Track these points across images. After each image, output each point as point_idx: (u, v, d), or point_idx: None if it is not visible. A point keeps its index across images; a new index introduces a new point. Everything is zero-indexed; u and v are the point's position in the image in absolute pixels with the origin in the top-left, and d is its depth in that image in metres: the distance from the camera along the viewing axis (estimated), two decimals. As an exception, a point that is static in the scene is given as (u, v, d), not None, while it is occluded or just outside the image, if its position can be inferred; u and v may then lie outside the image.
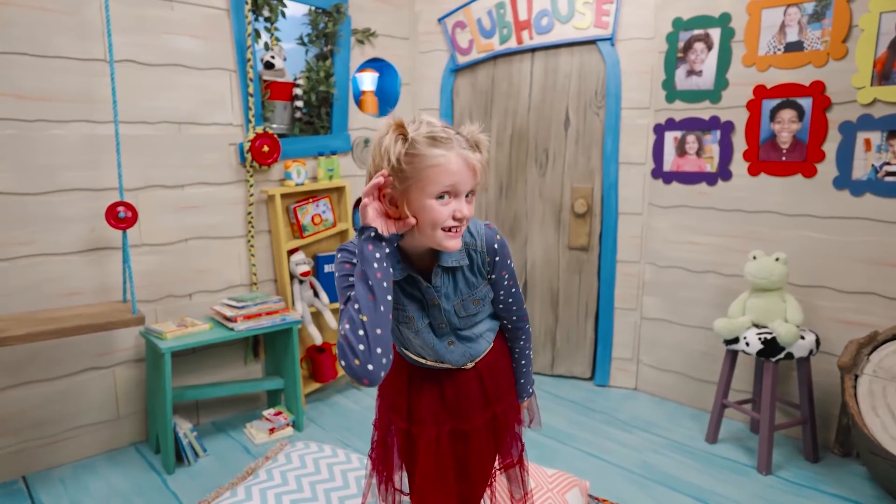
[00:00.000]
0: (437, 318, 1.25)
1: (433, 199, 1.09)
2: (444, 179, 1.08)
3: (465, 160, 1.10)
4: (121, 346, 2.69)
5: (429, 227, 1.11)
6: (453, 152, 1.09)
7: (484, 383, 1.34)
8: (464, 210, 1.11)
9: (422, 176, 1.08)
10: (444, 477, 1.29)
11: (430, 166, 1.07)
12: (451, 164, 1.08)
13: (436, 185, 1.08)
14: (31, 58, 2.31)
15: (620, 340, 3.40)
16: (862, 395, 2.23)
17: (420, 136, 1.08)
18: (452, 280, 1.23)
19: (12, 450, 2.44)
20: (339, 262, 1.18)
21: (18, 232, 2.36)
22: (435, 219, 1.10)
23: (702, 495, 2.37)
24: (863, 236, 2.56)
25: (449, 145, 1.09)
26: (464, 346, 1.32)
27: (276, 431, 2.84)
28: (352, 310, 1.06)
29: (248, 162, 2.91)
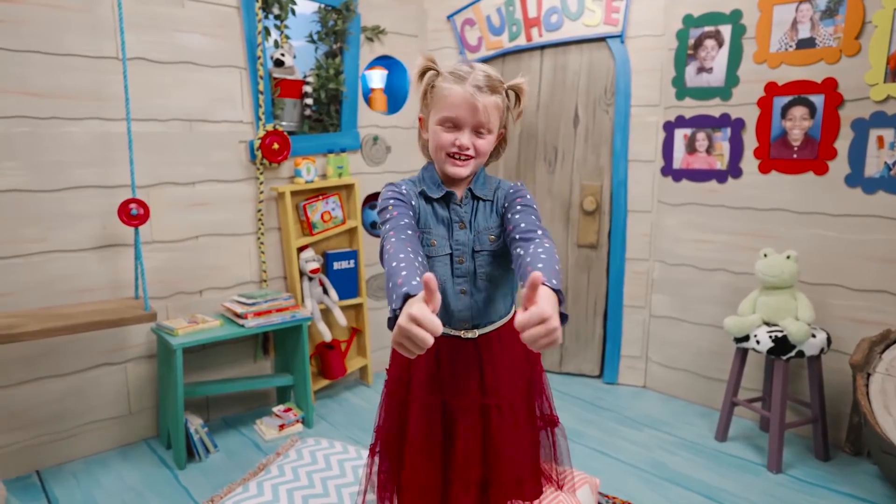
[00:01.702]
0: (459, 246, 1.30)
1: (438, 125, 1.26)
2: (445, 110, 1.24)
3: (469, 97, 1.22)
4: (132, 343, 2.70)
5: (435, 150, 1.29)
6: (460, 87, 1.23)
7: (482, 367, 1.31)
8: (462, 140, 1.25)
9: (434, 103, 1.27)
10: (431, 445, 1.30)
11: (439, 96, 1.25)
12: (455, 97, 1.23)
13: (439, 112, 1.25)
14: (43, 55, 2.32)
15: (629, 338, 3.39)
16: (874, 394, 2.21)
17: (445, 70, 1.28)
18: (476, 210, 1.33)
19: (26, 444, 2.46)
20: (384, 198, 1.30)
21: (31, 229, 2.38)
22: (437, 142, 1.27)
23: (712, 493, 2.37)
24: (875, 234, 2.54)
25: (461, 81, 1.24)
26: (472, 301, 1.30)
27: (285, 428, 2.85)
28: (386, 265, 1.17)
29: (258, 159, 2.92)
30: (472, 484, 1.29)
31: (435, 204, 1.32)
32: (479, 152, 1.28)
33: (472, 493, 1.29)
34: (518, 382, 1.36)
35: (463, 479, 1.28)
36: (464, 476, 1.28)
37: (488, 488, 1.30)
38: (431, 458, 1.29)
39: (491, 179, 1.39)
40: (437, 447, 1.30)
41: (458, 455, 1.28)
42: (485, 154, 1.30)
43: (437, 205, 1.32)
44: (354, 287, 3.31)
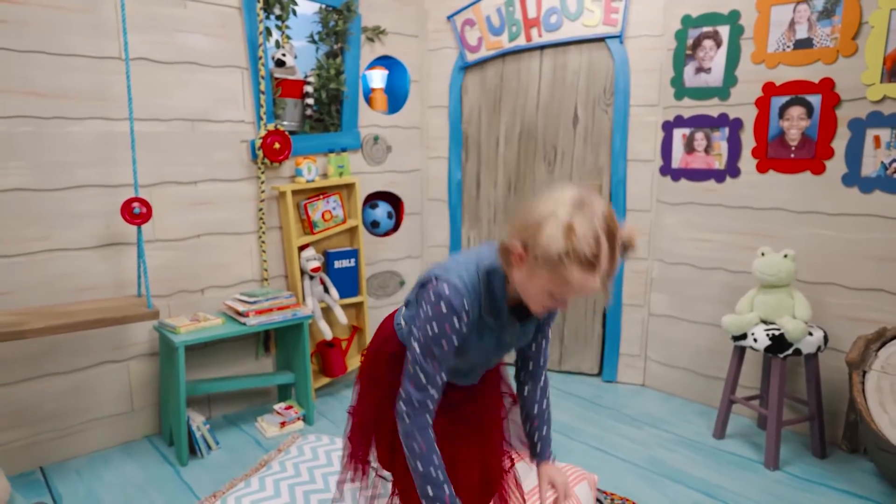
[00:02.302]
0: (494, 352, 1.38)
1: (547, 291, 1.15)
2: (562, 289, 1.12)
3: (593, 287, 1.11)
4: (135, 341, 2.73)
5: (531, 298, 1.19)
6: (590, 279, 1.09)
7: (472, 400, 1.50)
8: (560, 308, 1.20)
9: (550, 275, 1.11)
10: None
11: (561, 278, 1.10)
12: (580, 287, 1.11)
13: (554, 285, 1.12)
14: (46, 56, 2.35)
15: (628, 337, 3.41)
16: (870, 391, 2.24)
17: (576, 252, 1.08)
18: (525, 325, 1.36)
19: (29, 441, 2.48)
20: (441, 330, 1.22)
21: (35, 227, 2.40)
22: (535, 299, 1.18)
23: (710, 490, 2.39)
24: (872, 233, 2.56)
25: (591, 270, 1.09)
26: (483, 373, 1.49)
27: (287, 425, 2.87)
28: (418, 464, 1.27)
29: (259, 159, 2.94)
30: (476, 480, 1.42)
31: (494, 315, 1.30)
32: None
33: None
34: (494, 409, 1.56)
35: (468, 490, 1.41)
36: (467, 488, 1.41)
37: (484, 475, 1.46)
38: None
39: None
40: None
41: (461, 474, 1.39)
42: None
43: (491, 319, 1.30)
44: (355, 286, 3.33)
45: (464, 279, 1.23)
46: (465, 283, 1.22)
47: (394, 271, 3.68)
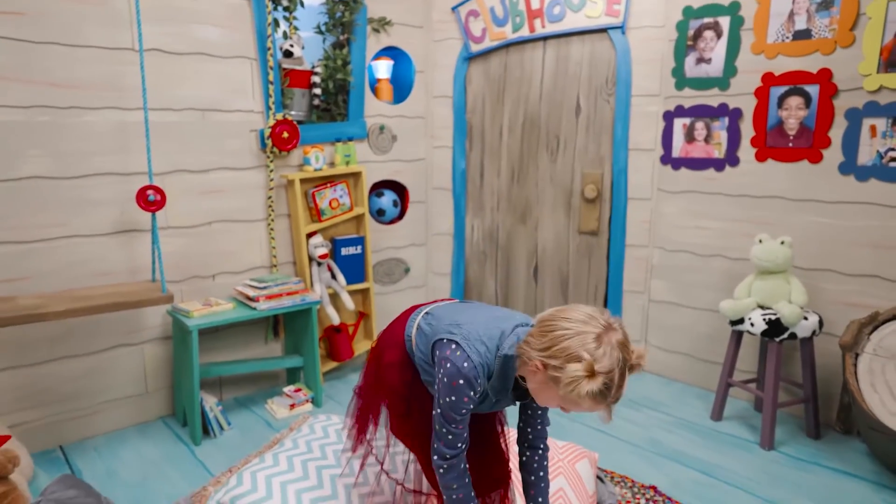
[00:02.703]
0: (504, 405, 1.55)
1: (555, 401, 1.30)
2: (575, 408, 1.28)
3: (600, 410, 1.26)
4: (148, 325, 2.81)
5: (537, 398, 1.36)
6: (601, 405, 1.25)
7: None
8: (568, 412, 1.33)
9: (566, 397, 1.24)
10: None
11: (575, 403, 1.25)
12: (590, 409, 1.26)
13: (568, 403, 1.27)
14: (63, 47, 2.41)
15: (629, 322, 3.48)
16: (862, 373, 2.31)
17: (592, 392, 1.20)
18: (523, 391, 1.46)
19: (50, 421, 2.57)
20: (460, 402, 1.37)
21: (53, 214, 2.47)
22: (543, 402, 1.36)
23: (706, 469, 2.47)
24: (867, 221, 2.62)
25: (603, 398, 1.22)
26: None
27: (296, 407, 2.96)
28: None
29: (268, 148, 3.01)
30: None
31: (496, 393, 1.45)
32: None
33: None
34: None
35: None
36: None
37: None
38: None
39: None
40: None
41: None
42: None
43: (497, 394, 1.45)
44: (361, 272, 3.41)
45: (481, 356, 1.36)
46: (482, 359, 1.37)
47: (399, 258, 3.75)
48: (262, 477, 1.97)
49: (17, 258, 2.41)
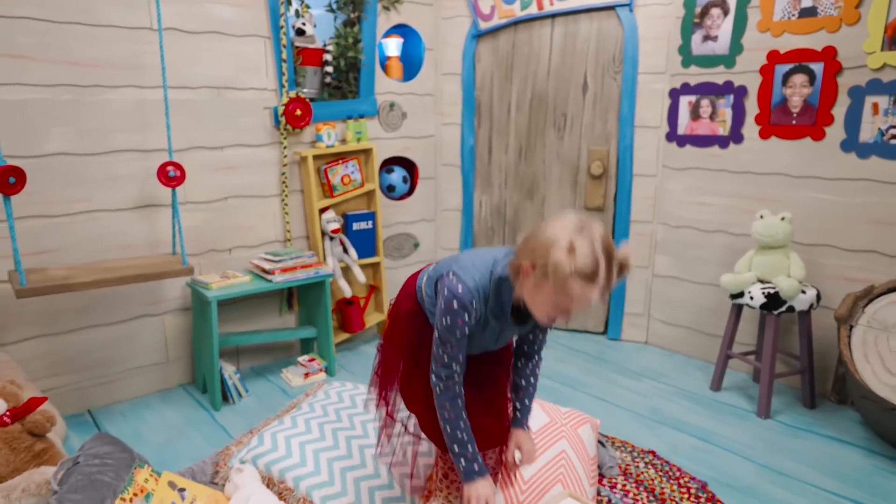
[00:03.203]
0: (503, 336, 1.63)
1: (552, 303, 1.34)
2: (567, 301, 1.31)
3: (594, 297, 1.30)
4: (168, 296, 2.92)
5: (537, 308, 1.39)
6: (590, 290, 1.29)
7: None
8: (566, 316, 1.38)
9: (555, 288, 1.30)
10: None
11: (564, 291, 1.29)
12: (582, 298, 1.30)
13: (559, 298, 1.32)
14: (85, 27, 2.48)
15: (633, 297, 3.57)
16: (855, 345, 2.39)
17: (577, 268, 1.27)
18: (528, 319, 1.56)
19: (78, 386, 2.71)
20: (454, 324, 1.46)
21: (78, 189, 2.57)
22: (540, 310, 1.38)
23: (703, 435, 2.58)
24: (867, 197, 2.68)
25: (591, 282, 1.28)
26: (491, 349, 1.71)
27: (310, 376, 3.08)
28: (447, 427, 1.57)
29: (282, 125, 3.09)
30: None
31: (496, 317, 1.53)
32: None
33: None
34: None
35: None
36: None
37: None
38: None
39: None
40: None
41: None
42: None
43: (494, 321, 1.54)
44: (372, 246, 3.50)
45: (476, 281, 1.45)
46: (477, 284, 1.45)
47: (409, 233, 3.84)
48: (281, 437, 2.10)
49: (44, 232, 2.51)
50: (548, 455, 2.10)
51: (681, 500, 2.14)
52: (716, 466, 2.35)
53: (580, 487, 2.04)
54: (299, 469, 1.97)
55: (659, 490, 2.19)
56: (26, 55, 2.36)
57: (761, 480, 2.26)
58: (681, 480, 2.25)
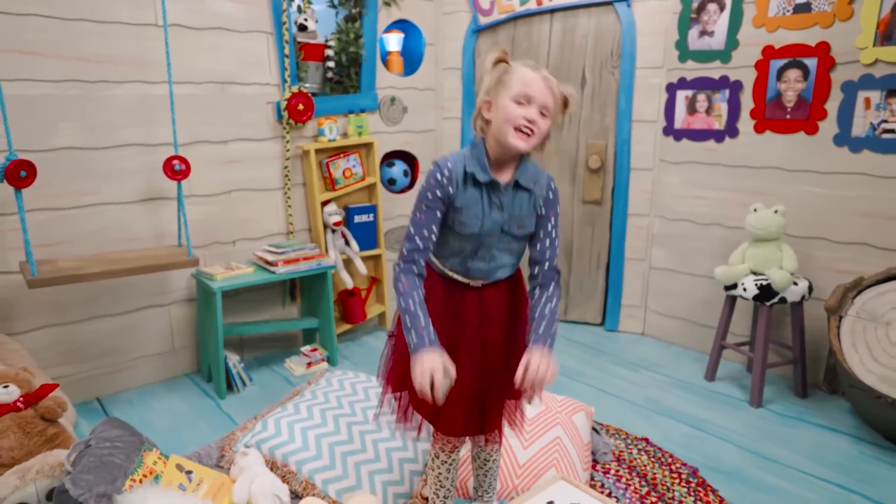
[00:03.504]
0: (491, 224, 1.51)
1: (512, 100, 1.41)
2: (523, 87, 1.41)
3: (543, 80, 1.42)
4: (174, 287, 2.99)
5: (504, 122, 1.42)
6: (536, 73, 1.43)
7: (482, 308, 1.59)
8: (533, 116, 1.41)
9: (509, 84, 1.42)
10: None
11: (517, 78, 1.42)
12: (532, 78, 1.41)
13: (515, 90, 1.41)
14: (91, 23, 2.54)
15: (630, 289, 3.63)
16: (844, 335, 2.45)
17: (520, 63, 1.45)
18: (516, 199, 1.52)
19: (87, 375, 2.78)
20: (423, 188, 1.49)
21: (85, 183, 2.63)
22: (508, 115, 1.41)
23: (696, 423, 2.64)
24: (859, 191, 2.73)
25: (536, 69, 1.43)
26: (488, 265, 1.56)
27: (312, 366, 3.15)
28: (401, 301, 1.49)
29: (284, 119, 3.14)
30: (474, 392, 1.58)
31: (481, 189, 1.48)
32: (539, 130, 1.42)
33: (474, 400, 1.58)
34: (504, 324, 1.64)
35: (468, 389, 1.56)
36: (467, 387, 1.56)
37: (485, 396, 1.62)
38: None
39: (534, 169, 1.54)
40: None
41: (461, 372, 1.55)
42: (541, 135, 1.45)
43: (482, 189, 1.48)
44: (374, 239, 3.57)
45: (452, 155, 1.52)
46: (451, 154, 1.52)
47: (409, 227, 3.89)
48: (284, 423, 2.17)
49: (53, 224, 2.58)
50: (542, 441, 2.18)
51: (672, 485, 2.20)
52: (707, 453, 2.41)
53: (573, 472, 2.11)
54: (302, 453, 2.04)
55: (651, 475, 2.26)
56: (35, 51, 2.42)
57: (750, 466, 2.33)
58: (672, 466, 2.31)
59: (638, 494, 2.15)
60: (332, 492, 1.96)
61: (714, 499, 2.13)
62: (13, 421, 2.04)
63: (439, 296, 1.59)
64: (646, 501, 2.12)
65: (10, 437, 2.01)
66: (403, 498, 2.05)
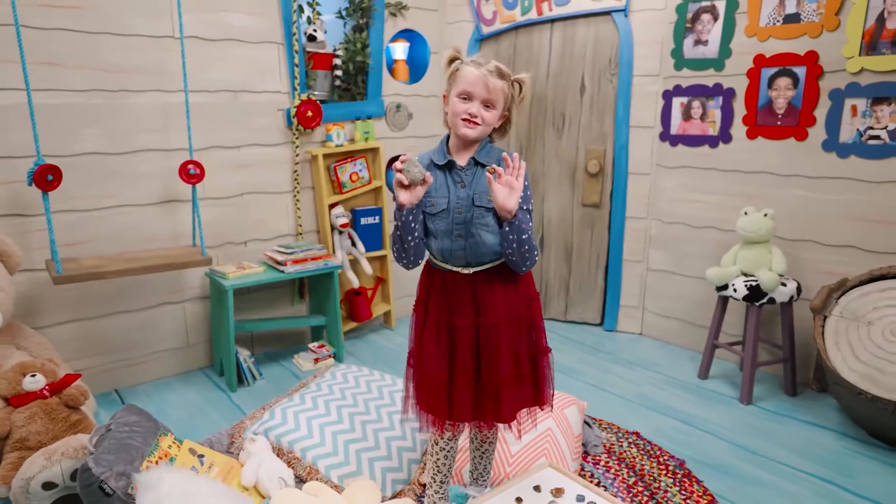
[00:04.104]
0: (459, 201, 1.63)
1: (456, 97, 1.61)
2: (463, 85, 1.60)
3: (482, 77, 1.58)
4: (188, 285, 3.14)
5: (453, 116, 1.62)
6: (476, 70, 1.58)
7: (475, 296, 1.67)
8: (474, 110, 1.59)
9: (455, 81, 1.62)
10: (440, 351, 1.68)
11: (460, 76, 1.61)
12: (471, 76, 1.59)
13: (458, 87, 1.61)
14: (113, 36, 2.70)
15: (628, 290, 3.73)
16: (828, 334, 2.54)
17: (468, 60, 1.63)
18: (477, 175, 1.65)
19: (106, 368, 2.94)
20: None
21: (106, 186, 2.79)
22: (454, 110, 1.61)
23: (686, 419, 2.74)
24: (846, 195, 2.82)
25: (478, 66, 1.59)
26: (466, 243, 1.64)
27: (319, 361, 3.29)
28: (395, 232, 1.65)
29: (294, 126, 3.29)
30: (470, 381, 1.68)
31: (443, 171, 1.65)
32: (485, 121, 1.61)
33: (468, 388, 1.68)
34: (504, 312, 1.69)
35: (463, 378, 1.67)
36: (463, 375, 1.67)
37: (480, 383, 1.70)
38: (439, 361, 1.67)
39: (493, 149, 1.70)
40: (443, 353, 1.68)
41: (457, 359, 1.67)
42: (489, 124, 1.62)
43: (444, 171, 1.66)
44: (379, 240, 3.70)
45: (423, 154, 1.71)
46: (422, 154, 1.71)
47: (414, 229, 4.02)
48: (290, 413, 2.30)
49: (76, 224, 2.74)
50: (534, 433, 2.29)
51: (658, 476, 2.31)
52: (695, 446, 2.51)
53: (563, 462, 2.22)
54: (306, 441, 2.18)
55: (639, 467, 2.36)
56: (61, 63, 2.58)
57: (735, 459, 2.42)
58: (660, 458, 2.42)
59: (625, 484, 2.26)
60: (335, 477, 2.09)
61: (698, 489, 2.23)
62: (40, 407, 2.20)
63: (438, 287, 1.71)
64: (632, 490, 2.22)
65: (37, 422, 2.17)
66: (402, 484, 2.18)
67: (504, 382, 1.67)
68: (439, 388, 1.68)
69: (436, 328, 1.70)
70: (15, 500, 1.96)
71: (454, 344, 1.67)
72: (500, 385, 1.67)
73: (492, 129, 1.66)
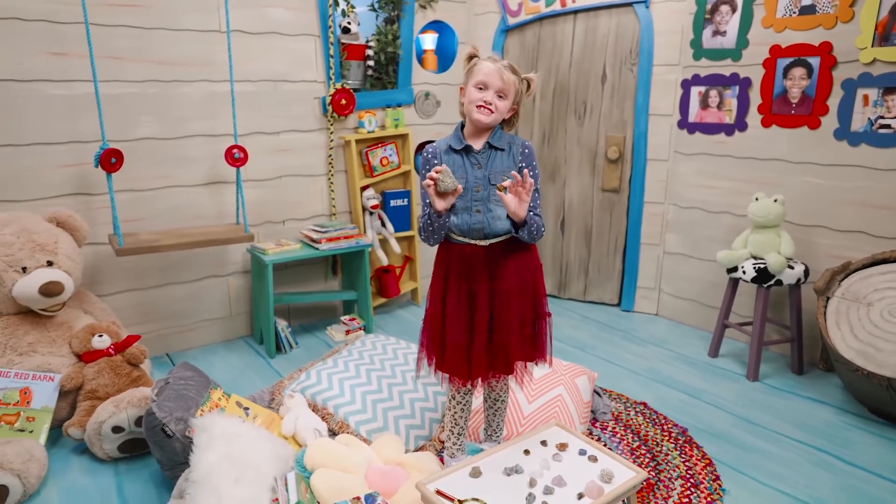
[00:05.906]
0: (476, 180, 1.85)
1: (474, 87, 1.83)
2: (480, 76, 1.81)
3: (497, 70, 1.80)
4: (232, 260, 3.42)
5: (469, 104, 1.83)
6: (492, 64, 1.81)
7: (490, 265, 1.88)
8: (489, 98, 1.80)
9: (473, 74, 1.83)
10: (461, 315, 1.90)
11: (477, 69, 1.83)
12: (487, 69, 1.80)
13: (475, 79, 1.82)
14: (167, 31, 2.95)
15: (645, 272, 3.88)
16: (830, 314, 2.66)
17: (485, 56, 1.85)
18: (492, 157, 1.87)
19: (159, 334, 3.24)
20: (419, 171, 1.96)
21: (161, 168, 3.07)
22: (471, 97, 1.82)
23: (693, 392, 2.90)
24: (856, 182, 2.91)
25: (493, 62, 1.82)
26: (484, 217, 1.85)
27: (350, 333, 3.53)
28: (423, 219, 1.87)
29: (329, 113, 3.52)
30: (485, 340, 1.90)
31: (461, 154, 1.88)
32: (497, 109, 1.82)
33: (484, 346, 1.90)
34: (514, 280, 1.91)
35: (480, 337, 1.89)
36: (480, 335, 1.89)
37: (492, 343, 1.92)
38: (461, 323, 1.90)
39: (504, 135, 1.91)
40: (464, 316, 1.90)
41: (476, 321, 1.89)
42: (501, 112, 1.84)
43: (461, 155, 1.88)
44: (407, 221, 3.92)
45: (439, 141, 1.94)
46: (438, 140, 1.94)
47: (441, 211, 4.23)
48: (325, 374, 2.55)
49: (134, 203, 3.03)
50: (546, 397, 2.49)
51: (661, 441, 2.49)
52: (698, 416, 2.68)
53: (571, 424, 2.42)
54: (338, 399, 2.42)
55: (644, 433, 2.55)
56: (123, 56, 2.85)
57: (736, 429, 2.59)
58: (665, 426, 2.60)
59: (630, 447, 2.45)
60: (363, 431, 2.33)
61: (698, 454, 2.41)
62: (106, 363, 2.50)
63: (457, 260, 1.92)
64: (636, 453, 2.41)
65: (104, 376, 2.47)
66: (423, 440, 2.41)
67: (513, 341, 1.90)
68: (460, 351, 1.91)
69: (456, 296, 1.91)
70: (89, 441, 2.26)
71: (474, 308, 1.89)
72: (510, 344, 1.89)
73: (502, 118, 1.87)
